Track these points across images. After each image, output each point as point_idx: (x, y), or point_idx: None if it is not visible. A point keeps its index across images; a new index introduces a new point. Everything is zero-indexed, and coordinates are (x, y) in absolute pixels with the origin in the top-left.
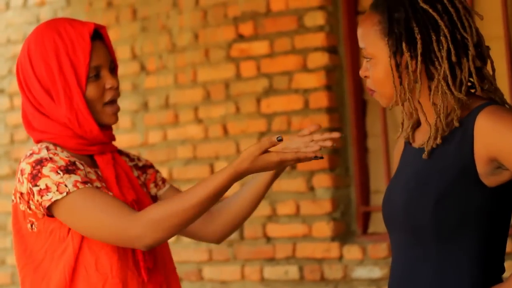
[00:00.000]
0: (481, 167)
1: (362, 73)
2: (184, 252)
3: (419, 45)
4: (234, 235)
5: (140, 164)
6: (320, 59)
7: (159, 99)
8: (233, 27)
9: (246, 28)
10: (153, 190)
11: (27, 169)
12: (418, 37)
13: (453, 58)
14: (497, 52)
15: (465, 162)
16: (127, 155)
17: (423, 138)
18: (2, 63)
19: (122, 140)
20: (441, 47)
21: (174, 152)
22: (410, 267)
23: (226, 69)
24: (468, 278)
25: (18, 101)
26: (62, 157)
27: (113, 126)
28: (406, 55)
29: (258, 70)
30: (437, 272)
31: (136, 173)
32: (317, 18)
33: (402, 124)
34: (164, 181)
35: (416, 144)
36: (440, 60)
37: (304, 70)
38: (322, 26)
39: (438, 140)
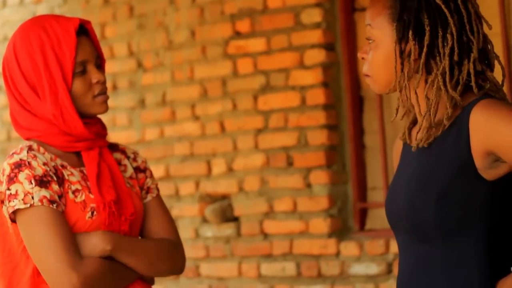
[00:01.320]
0: (479, 161)
1: (360, 54)
2: None
3: (426, 37)
4: (231, 232)
5: (134, 164)
6: (317, 56)
7: (156, 96)
8: (229, 24)
9: (243, 25)
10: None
11: (7, 170)
12: (427, 28)
13: (455, 57)
14: (495, 49)
15: (463, 158)
16: (123, 151)
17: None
18: None
19: (119, 137)
20: (445, 44)
21: (171, 149)
22: (417, 265)
23: (223, 66)
24: (476, 272)
25: None
26: (40, 164)
27: (110, 123)
28: (411, 43)
29: (255, 67)
30: (444, 268)
31: (129, 170)
32: (314, 15)
33: (397, 110)
34: (148, 190)
35: (413, 143)
36: (442, 56)
37: (301, 67)
38: (319, 23)
39: (426, 136)
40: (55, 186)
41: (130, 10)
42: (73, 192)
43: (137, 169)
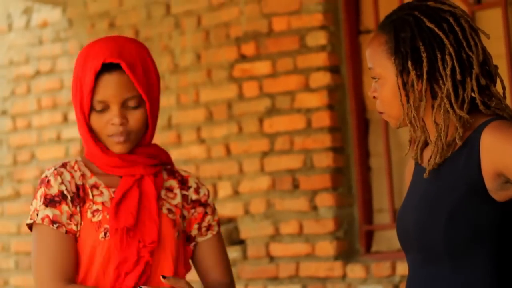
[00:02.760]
0: (490, 183)
1: (371, 93)
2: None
3: (424, 64)
4: (237, 255)
5: (194, 196)
6: (322, 78)
7: (162, 120)
8: (235, 47)
9: (248, 48)
10: (194, 232)
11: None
12: (424, 55)
13: (458, 77)
14: (499, 71)
15: (473, 179)
16: (182, 179)
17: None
18: (5, 85)
19: None
20: (445, 66)
21: None
22: (424, 285)
23: (229, 89)
24: None
25: (20, 122)
26: (59, 183)
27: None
28: (412, 74)
29: (261, 90)
30: None
31: (177, 199)
32: (319, 38)
33: (410, 142)
34: (209, 228)
35: (424, 164)
36: (444, 78)
37: (307, 89)
38: (324, 45)
39: (438, 159)
40: (65, 207)
41: (135, 34)
42: (92, 212)
43: (196, 202)
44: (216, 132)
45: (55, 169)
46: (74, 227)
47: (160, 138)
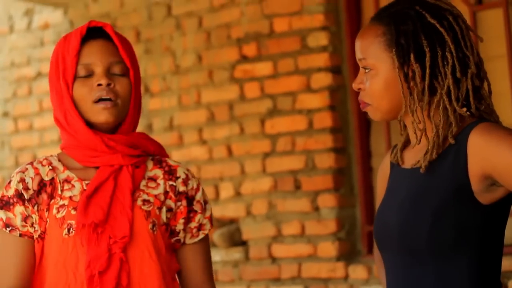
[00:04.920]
0: (476, 185)
1: (356, 85)
2: None
3: (427, 58)
4: (240, 256)
5: (181, 189)
6: (323, 79)
7: (163, 121)
8: (236, 48)
9: (250, 49)
10: (180, 227)
11: None
12: (427, 49)
13: (458, 74)
14: (500, 71)
15: (459, 181)
16: (170, 169)
17: (414, 158)
18: (6, 86)
19: None
20: (445, 63)
21: None
22: (407, 286)
23: (230, 90)
24: None
25: (22, 124)
26: (18, 182)
27: None
28: (415, 67)
29: (262, 91)
30: None
31: (159, 190)
32: (320, 39)
33: (416, 135)
34: (200, 228)
35: (407, 165)
36: (444, 75)
37: (308, 90)
38: (325, 46)
39: (434, 155)
40: (19, 208)
41: (137, 35)
42: (58, 208)
43: (182, 194)
44: (217, 133)
45: (21, 168)
46: (30, 229)
47: (162, 139)
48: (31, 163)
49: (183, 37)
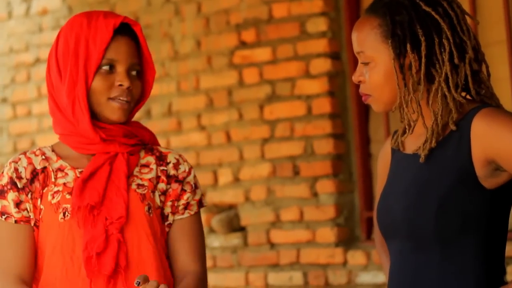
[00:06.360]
0: (480, 170)
1: (356, 78)
2: None
3: (423, 47)
4: (238, 242)
5: (172, 172)
6: (322, 65)
7: (162, 107)
8: (235, 34)
9: (249, 35)
10: (168, 209)
11: None
12: (423, 39)
13: (456, 60)
14: (500, 56)
15: (463, 166)
16: (161, 155)
17: (416, 143)
18: (5, 72)
19: None
20: (442, 50)
21: None
22: (413, 272)
23: (229, 76)
24: (472, 281)
25: (21, 110)
26: (12, 171)
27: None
28: (411, 57)
29: (261, 76)
30: (441, 276)
31: (152, 174)
32: (319, 24)
33: (409, 125)
34: (187, 206)
35: (409, 150)
36: (441, 62)
37: (307, 76)
38: (324, 32)
39: (433, 143)
40: (11, 194)
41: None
42: (52, 194)
43: (172, 178)
44: (216, 119)
45: (14, 158)
46: (25, 214)
47: (160, 125)
48: (24, 153)
49: (182, 23)
